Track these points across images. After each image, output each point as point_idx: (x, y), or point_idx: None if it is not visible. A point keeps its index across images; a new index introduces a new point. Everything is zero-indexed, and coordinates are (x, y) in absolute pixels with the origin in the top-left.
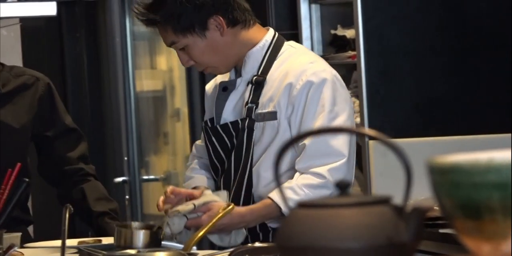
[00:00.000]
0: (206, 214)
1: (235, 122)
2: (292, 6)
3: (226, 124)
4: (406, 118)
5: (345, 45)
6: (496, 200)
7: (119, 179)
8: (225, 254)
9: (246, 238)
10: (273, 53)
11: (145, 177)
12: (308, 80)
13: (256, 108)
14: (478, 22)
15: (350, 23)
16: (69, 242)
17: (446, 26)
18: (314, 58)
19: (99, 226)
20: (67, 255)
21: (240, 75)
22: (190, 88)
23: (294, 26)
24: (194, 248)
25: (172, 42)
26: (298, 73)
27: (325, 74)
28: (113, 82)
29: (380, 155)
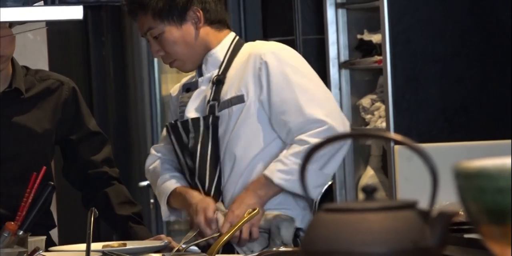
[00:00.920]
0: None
1: (196, 119)
2: (318, 11)
3: (187, 120)
4: (432, 123)
5: (371, 50)
6: None
7: (144, 183)
8: None
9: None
10: (233, 52)
11: None
12: (267, 58)
13: (218, 105)
14: (504, 27)
15: (376, 28)
16: (93, 246)
17: (472, 31)
18: (272, 42)
19: (123, 230)
20: None
21: (202, 75)
22: None
23: (321, 31)
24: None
25: (149, 27)
26: (258, 55)
27: (283, 51)
28: (138, 86)
29: (405, 160)
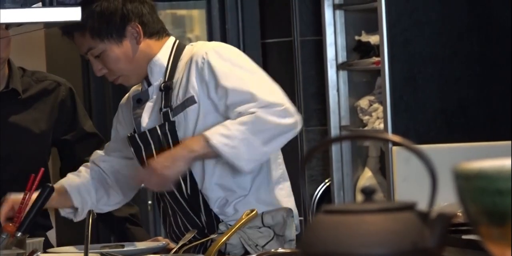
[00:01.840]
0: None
1: (153, 129)
2: (316, 12)
3: (144, 132)
4: (430, 124)
5: (369, 51)
6: None
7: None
8: None
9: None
10: (176, 57)
11: None
12: (209, 57)
13: (171, 111)
14: (503, 28)
15: (374, 29)
16: (91, 248)
17: (470, 32)
18: (213, 42)
19: (121, 231)
20: None
21: (150, 84)
22: None
23: (319, 32)
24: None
25: (89, 48)
26: (200, 55)
27: (224, 49)
28: None
29: (403, 161)
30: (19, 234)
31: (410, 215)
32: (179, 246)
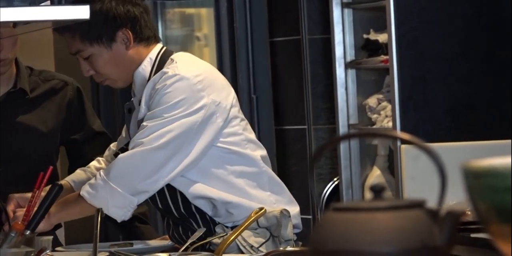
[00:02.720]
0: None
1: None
2: (324, 11)
3: (125, 149)
4: (438, 122)
5: (377, 49)
6: None
7: None
8: None
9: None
10: (158, 69)
11: None
12: (159, 85)
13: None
14: (510, 27)
15: (382, 28)
16: (100, 246)
17: (479, 31)
18: (175, 65)
19: (130, 230)
20: None
21: (135, 95)
22: None
23: (327, 31)
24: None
25: (78, 50)
26: (155, 80)
27: (172, 78)
28: None
29: (412, 160)
30: (28, 232)
31: (419, 213)
32: (188, 244)
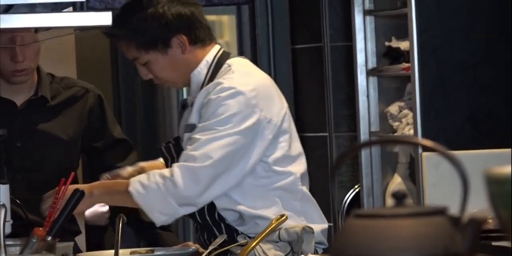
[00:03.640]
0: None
1: (177, 144)
2: (346, 18)
3: (168, 145)
4: (459, 130)
5: (399, 57)
6: None
7: None
8: None
9: None
10: (213, 74)
11: None
12: (213, 95)
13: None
14: None
15: (404, 35)
16: (121, 252)
17: (500, 38)
18: (232, 75)
19: (151, 236)
20: None
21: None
22: None
23: (349, 38)
24: None
25: (134, 57)
26: (210, 90)
27: (228, 91)
28: (166, 93)
29: (433, 167)
30: (49, 238)
31: (441, 220)
32: (209, 251)
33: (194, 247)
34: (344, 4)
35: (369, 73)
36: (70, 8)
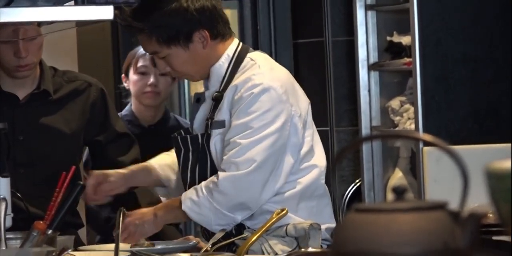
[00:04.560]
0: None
1: (195, 137)
2: (348, 13)
3: (186, 137)
4: (461, 125)
5: (401, 51)
6: None
7: None
8: None
9: None
10: (234, 68)
11: None
12: (245, 92)
13: (211, 124)
14: None
15: (406, 30)
16: (122, 246)
17: (502, 33)
18: (260, 70)
19: None
20: None
21: (208, 88)
22: None
23: (350, 33)
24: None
25: (154, 51)
26: (241, 86)
27: (259, 87)
28: None
29: (434, 162)
30: (50, 231)
31: (441, 215)
32: (210, 244)
33: (194, 241)
34: None
35: (370, 67)
36: (72, 2)
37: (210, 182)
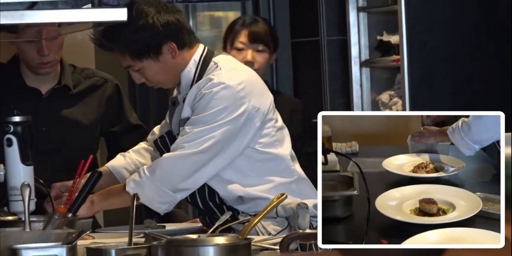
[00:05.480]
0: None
1: (173, 138)
2: (341, 14)
3: (164, 140)
4: None
5: (389, 50)
6: None
7: None
8: (277, 239)
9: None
10: (201, 71)
11: None
12: (205, 90)
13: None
14: None
15: (395, 30)
16: (136, 228)
17: (484, 32)
18: (220, 71)
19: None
20: (134, 239)
21: (180, 92)
22: None
23: (343, 33)
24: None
25: (129, 65)
26: (202, 85)
27: (218, 86)
28: None
29: None
30: (70, 215)
31: None
32: (215, 227)
33: (201, 224)
34: (339, 1)
35: (362, 64)
36: (89, 4)
37: (154, 162)
